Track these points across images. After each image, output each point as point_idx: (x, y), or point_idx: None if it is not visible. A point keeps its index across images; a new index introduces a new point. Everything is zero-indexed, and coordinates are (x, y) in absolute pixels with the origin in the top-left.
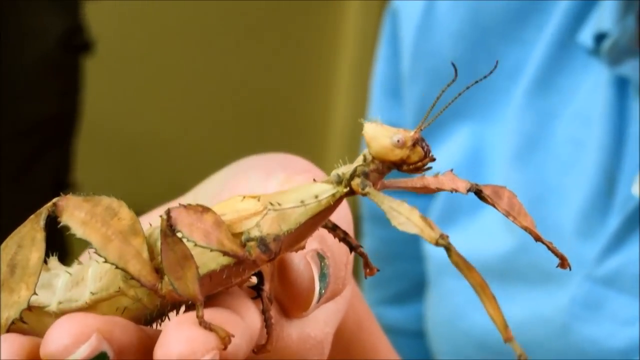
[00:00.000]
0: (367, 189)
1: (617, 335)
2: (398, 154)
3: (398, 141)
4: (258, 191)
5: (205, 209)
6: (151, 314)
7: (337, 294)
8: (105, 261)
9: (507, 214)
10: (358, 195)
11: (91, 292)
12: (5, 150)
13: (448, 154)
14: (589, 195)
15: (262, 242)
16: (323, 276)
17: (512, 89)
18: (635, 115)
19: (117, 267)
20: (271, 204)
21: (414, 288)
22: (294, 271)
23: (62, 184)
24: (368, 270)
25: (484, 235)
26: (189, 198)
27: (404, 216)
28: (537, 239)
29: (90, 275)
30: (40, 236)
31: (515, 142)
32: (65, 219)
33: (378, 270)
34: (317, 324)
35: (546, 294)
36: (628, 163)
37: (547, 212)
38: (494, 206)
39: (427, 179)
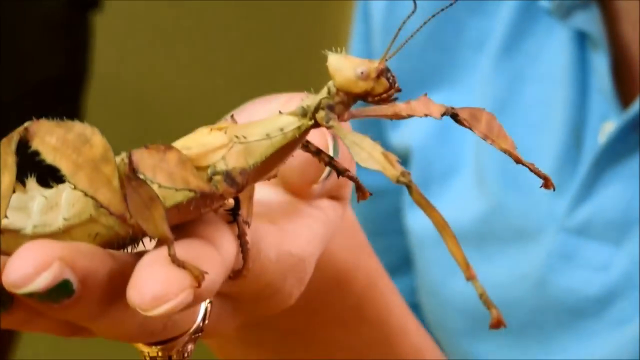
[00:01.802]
0: (331, 122)
1: (592, 281)
2: (362, 86)
3: (362, 73)
4: (260, 114)
5: (168, 147)
6: (124, 240)
7: (340, 187)
8: (75, 188)
9: (485, 137)
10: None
11: (64, 218)
12: (12, 110)
13: (417, 125)
14: (558, 151)
15: (228, 176)
16: (335, 152)
17: (479, 58)
18: (596, 67)
19: (86, 195)
20: (237, 137)
21: (402, 262)
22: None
23: None
24: (360, 194)
25: (457, 201)
26: None
27: (366, 152)
28: (518, 161)
29: (64, 200)
30: (11, 160)
31: (485, 106)
32: (36, 145)
33: (371, 194)
34: (299, 241)
35: (522, 251)
36: (593, 115)
37: (519, 172)
38: (471, 129)
39: (399, 105)
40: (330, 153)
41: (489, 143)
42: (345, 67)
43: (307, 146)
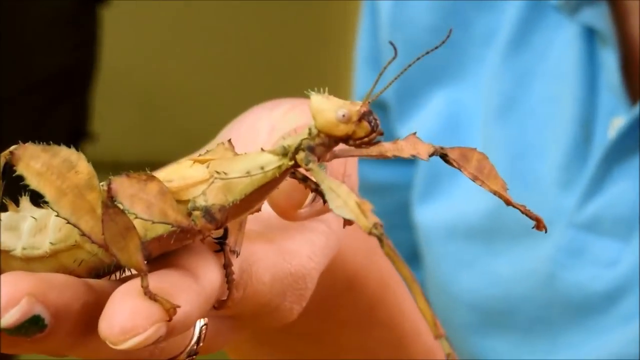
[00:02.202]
0: (310, 165)
1: (600, 277)
2: (343, 130)
3: (343, 116)
4: (262, 125)
5: (150, 177)
6: (108, 267)
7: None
8: (58, 215)
9: (475, 178)
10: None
11: (50, 242)
12: (21, 102)
13: (424, 121)
14: (567, 147)
15: (207, 212)
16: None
17: (486, 54)
18: (605, 63)
19: (68, 223)
20: (217, 172)
21: (410, 257)
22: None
23: (79, 134)
24: (346, 221)
25: (466, 197)
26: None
27: (342, 199)
28: (508, 203)
29: (52, 224)
30: None
31: (493, 102)
32: (20, 169)
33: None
34: (299, 259)
35: (531, 246)
36: (602, 111)
37: (528, 167)
38: (460, 170)
39: (384, 145)
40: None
41: (479, 184)
42: (326, 109)
43: (294, 173)
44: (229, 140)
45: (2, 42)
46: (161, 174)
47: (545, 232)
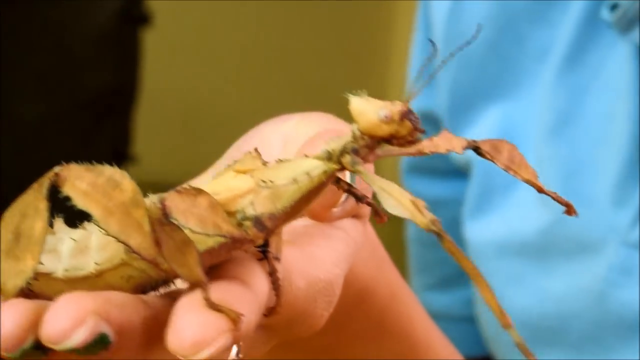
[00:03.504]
0: (357, 167)
1: None
2: (386, 129)
3: (385, 116)
4: (274, 138)
5: (199, 191)
6: (157, 282)
7: (359, 207)
8: (107, 234)
9: (507, 168)
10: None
11: (96, 263)
12: (64, 122)
13: (477, 137)
14: (622, 166)
15: (257, 221)
16: (352, 178)
17: (540, 69)
18: None
19: (118, 241)
20: (264, 181)
21: (458, 273)
22: None
23: (121, 156)
24: (378, 218)
25: (520, 212)
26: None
27: (395, 198)
28: (540, 190)
29: (94, 243)
30: (43, 206)
31: (547, 119)
32: (67, 190)
33: (388, 218)
34: (326, 265)
35: (583, 264)
36: None
37: (582, 185)
38: (492, 161)
39: (422, 143)
40: (348, 180)
41: (511, 174)
42: (368, 110)
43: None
44: (256, 149)
45: (45, 63)
46: (207, 187)
47: (577, 215)
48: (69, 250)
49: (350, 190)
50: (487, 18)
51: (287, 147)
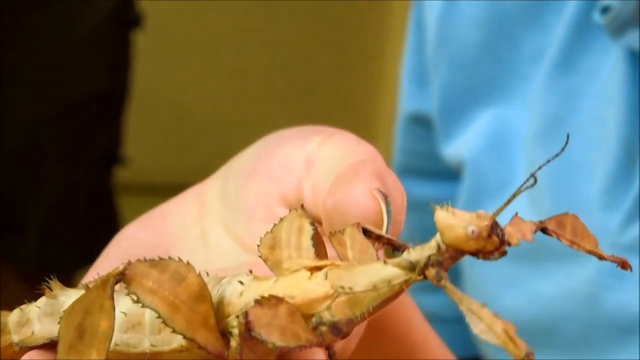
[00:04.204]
0: (442, 282)
1: None
2: (473, 245)
3: (473, 232)
4: (296, 159)
5: (279, 301)
6: None
7: (395, 236)
8: (173, 331)
9: (572, 244)
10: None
11: (151, 345)
12: (57, 125)
13: (469, 139)
14: (612, 168)
15: (334, 327)
16: (388, 212)
17: (533, 73)
18: None
19: (184, 338)
20: (342, 287)
21: (450, 273)
22: (358, 206)
23: (113, 158)
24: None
25: (510, 215)
26: (219, 176)
27: (486, 324)
28: (601, 258)
29: (148, 322)
30: (108, 305)
31: (540, 122)
32: (133, 289)
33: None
34: None
35: (574, 267)
36: None
37: (573, 188)
38: (559, 239)
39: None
40: (384, 213)
41: (575, 248)
42: (455, 225)
43: (366, 232)
44: (302, 206)
45: (38, 66)
46: (279, 285)
47: (631, 270)
48: (119, 323)
49: (390, 243)
50: (480, 20)
51: (312, 170)
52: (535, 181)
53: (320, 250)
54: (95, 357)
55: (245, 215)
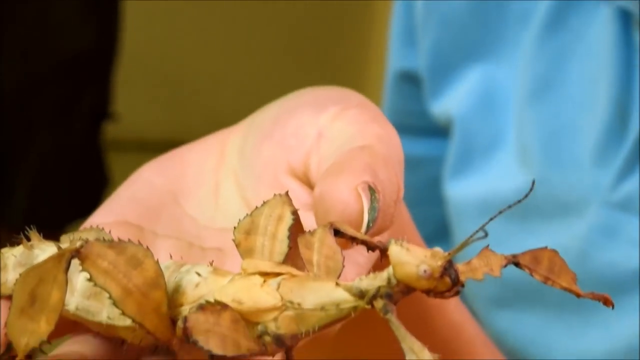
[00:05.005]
0: (388, 315)
1: (633, 256)
2: (424, 284)
3: (425, 271)
4: (309, 129)
5: (223, 307)
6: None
7: (384, 230)
8: (123, 314)
9: (546, 280)
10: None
11: (108, 317)
12: (46, 84)
13: (458, 97)
14: (603, 127)
15: (278, 338)
16: (372, 209)
17: (522, 32)
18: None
19: (133, 321)
20: (291, 302)
21: (438, 232)
22: (340, 203)
23: (102, 115)
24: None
25: (500, 174)
26: (243, 127)
27: None
28: (578, 295)
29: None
30: (61, 278)
31: (529, 82)
32: (87, 267)
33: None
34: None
35: (564, 225)
36: (638, 92)
37: (564, 146)
38: (531, 274)
39: (459, 268)
40: (365, 213)
41: (549, 284)
42: (407, 262)
43: (340, 232)
44: (287, 193)
45: (26, 27)
46: (230, 289)
47: (613, 308)
48: (83, 288)
49: (365, 242)
50: None
51: (321, 144)
52: (486, 234)
53: (295, 243)
54: (45, 325)
55: (255, 179)
